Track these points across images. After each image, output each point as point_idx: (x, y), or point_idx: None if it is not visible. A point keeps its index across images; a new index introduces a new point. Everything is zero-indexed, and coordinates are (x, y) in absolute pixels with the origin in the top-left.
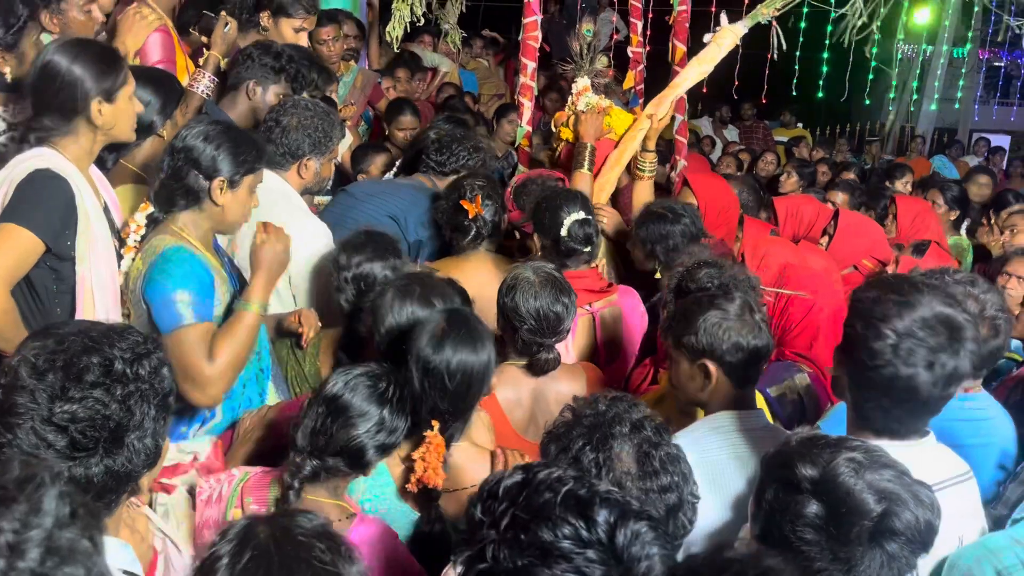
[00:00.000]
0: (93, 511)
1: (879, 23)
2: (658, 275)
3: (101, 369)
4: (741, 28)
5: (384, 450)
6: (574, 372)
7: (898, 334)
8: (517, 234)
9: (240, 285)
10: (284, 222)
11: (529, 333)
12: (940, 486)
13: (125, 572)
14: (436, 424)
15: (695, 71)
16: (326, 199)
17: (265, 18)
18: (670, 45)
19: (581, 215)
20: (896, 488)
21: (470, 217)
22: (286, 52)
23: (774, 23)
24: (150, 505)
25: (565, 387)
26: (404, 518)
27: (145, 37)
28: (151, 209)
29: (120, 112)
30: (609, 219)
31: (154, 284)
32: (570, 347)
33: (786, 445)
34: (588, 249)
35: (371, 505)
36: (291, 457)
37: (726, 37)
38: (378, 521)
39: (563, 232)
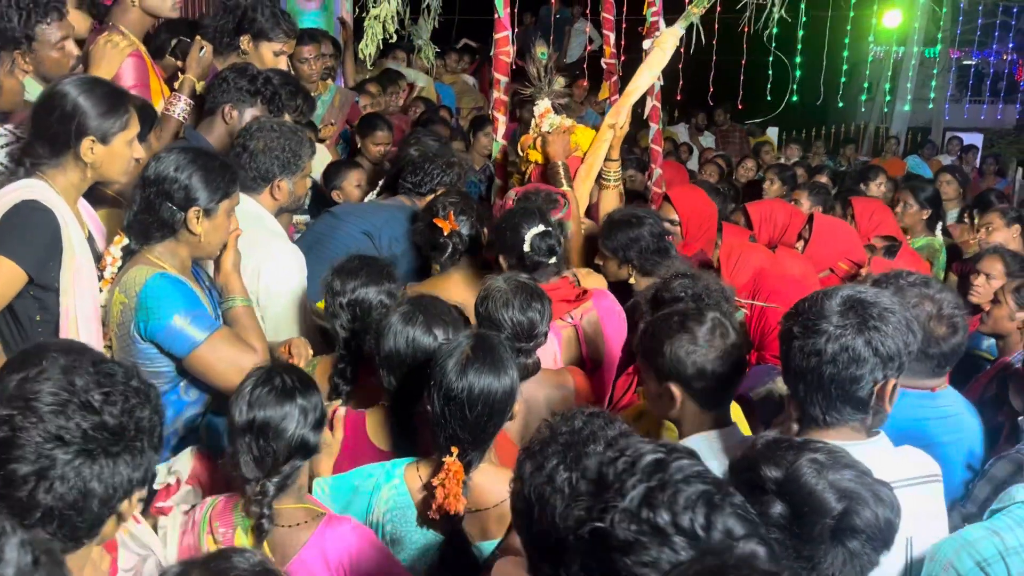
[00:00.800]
0: (56, 559)
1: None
2: (632, 280)
3: (125, 374)
4: (679, 30)
5: (320, 425)
6: (561, 377)
7: (804, 311)
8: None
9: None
10: (257, 245)
11: (506, 339)
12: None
13: None
14: (455, 450)
15: (645, 77)
16: (304, 218)
17: (245, 42)
18: (643, 55)
19: (541, 228)
20: (856, 487)
21: (445, 234)
22: (262, 75)
23: (696, 23)
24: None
25: (555, 392)
26: (426, 541)
27: (119, 64)
28: (126, 241)
29: (114, 155)
30: (587, 231)
31: (151, 323)
32: (559, 359)
33: (752, 448)
34: (553, 260)
35: (391, 528)
36: (248, 491)
37: (667, 41)
38: (349, 519)
39: (526, 247)
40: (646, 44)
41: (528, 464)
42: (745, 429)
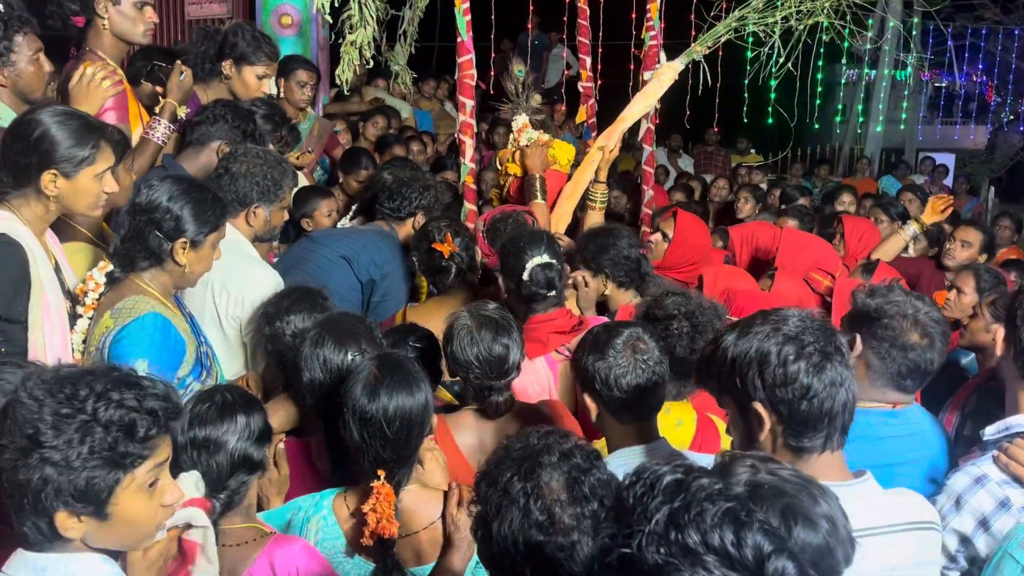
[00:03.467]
0: None
1: (797, 58)
2: (607, 292)
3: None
4: (679, 64)
5: (263, 439)
6: (538, 411)
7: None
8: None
9: (198, 332)
10: (238, 269)
11: (476, 379)
12: (873, 532)
13: None
14: (382, 473)
15: (639, 105)
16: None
17: (228, 67)
18: (640, 78)
19: (544, 259)
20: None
21: (447, 257)
22: (254, 117)
23: (702, 60)
24: None
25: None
26: (358, 571)
27: (101, 104)
28: (111, 267)
29: (79, 190)
30: (566, 249)
31: (118, 346)
32: (555, 393)
33: None
34: (552, 293)
35: None
36: None
37: (666, 74)
38: (299, 539)
39: (525, 276)
40: (647, 75)
41: (484, 484)
42: (726, 443)
